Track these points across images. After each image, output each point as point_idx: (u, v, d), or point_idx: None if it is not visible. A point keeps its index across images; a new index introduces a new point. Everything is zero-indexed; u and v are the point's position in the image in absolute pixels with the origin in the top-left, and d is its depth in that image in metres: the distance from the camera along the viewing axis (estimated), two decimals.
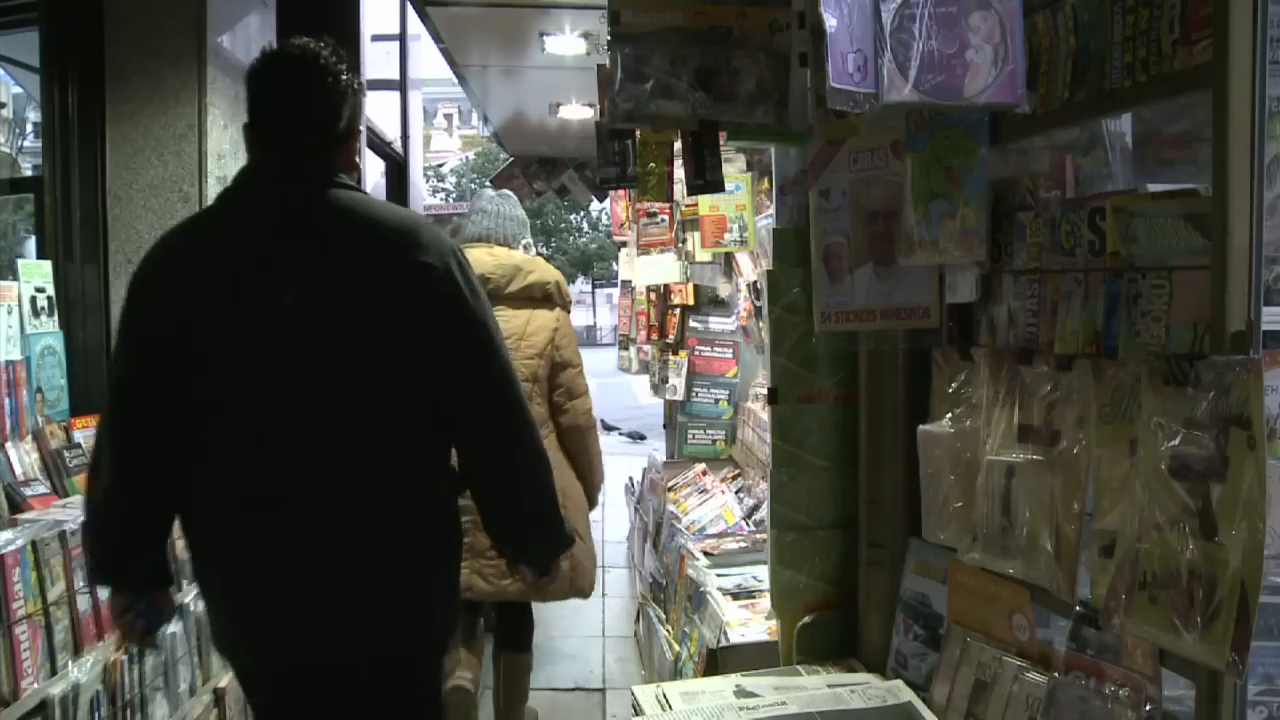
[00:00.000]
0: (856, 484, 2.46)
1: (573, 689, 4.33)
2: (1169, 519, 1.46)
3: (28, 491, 2.95)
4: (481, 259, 3.45)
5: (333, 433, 1.98)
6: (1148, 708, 1.53)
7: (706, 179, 2.12)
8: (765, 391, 2.96)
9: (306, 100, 2.06)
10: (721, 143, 2.15)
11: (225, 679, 3.22)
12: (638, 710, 2.16)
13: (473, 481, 2.15)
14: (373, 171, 7.53)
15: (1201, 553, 1.40)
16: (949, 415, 2.02)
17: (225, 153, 3.91)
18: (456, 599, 2.23)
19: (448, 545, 2.18)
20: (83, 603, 2.55)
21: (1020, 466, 1.80)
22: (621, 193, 6.81)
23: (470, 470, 2.14)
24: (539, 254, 4.04)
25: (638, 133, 2.87)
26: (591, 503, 3.74)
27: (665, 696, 2.19)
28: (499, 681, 3.69)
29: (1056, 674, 1.70)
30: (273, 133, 2.07)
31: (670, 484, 5.04)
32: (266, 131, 2.08)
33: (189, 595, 3.09)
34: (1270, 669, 1.87)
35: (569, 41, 5.32)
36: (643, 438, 11.91)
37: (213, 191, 3.78)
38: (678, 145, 2.77)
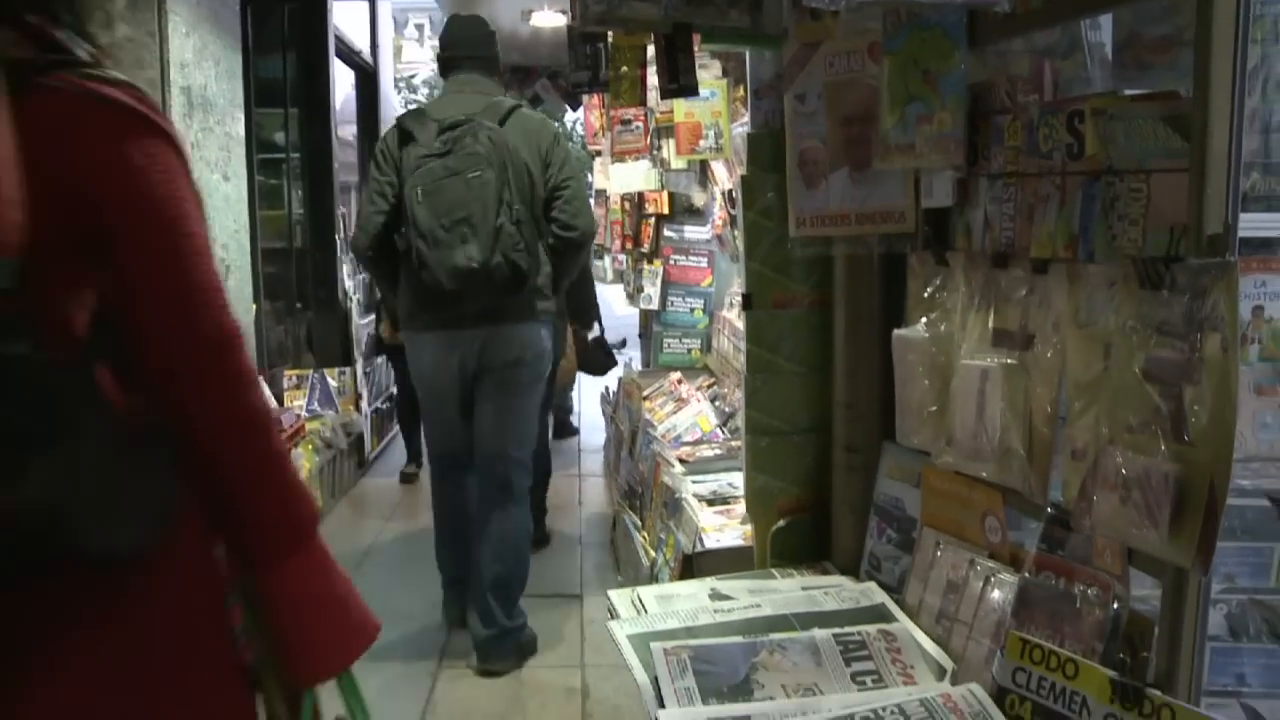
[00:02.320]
0: (831, 389, 2.46)
1: (551, 595, 4.38)
2: (1141, 421, 1.47)
3: None
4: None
5: None
6: (1115, 606, 1.55)
7: (680, 83, 2.08)
8: (740, 299, 2.96)
9: None
10: (695, 46, 2.11)
11: None
12: (614, 614, 2.19)
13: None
14: (342, 82, 7.37)
15: (1172, 454, 1.42)
16: (924, 320, 2.02)
17: (189, 61, 3.78)
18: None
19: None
20: None
21: (994, 370, 1.81)
22: (595, 101, 6.72)
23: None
24: None
25: (610, 36, 2.82)
26: None
27: (641, 600, 2.22)
28: None
29: (1027, 574, 1.73)
30: None
31: (646, 393, 5.06)
32: None
33: None
34: (1231, 568, 1.92)
35: None
36: (623, 344, 11.99)
37: (177, 102, 3.66)
38: (651, 49, 2.72)
